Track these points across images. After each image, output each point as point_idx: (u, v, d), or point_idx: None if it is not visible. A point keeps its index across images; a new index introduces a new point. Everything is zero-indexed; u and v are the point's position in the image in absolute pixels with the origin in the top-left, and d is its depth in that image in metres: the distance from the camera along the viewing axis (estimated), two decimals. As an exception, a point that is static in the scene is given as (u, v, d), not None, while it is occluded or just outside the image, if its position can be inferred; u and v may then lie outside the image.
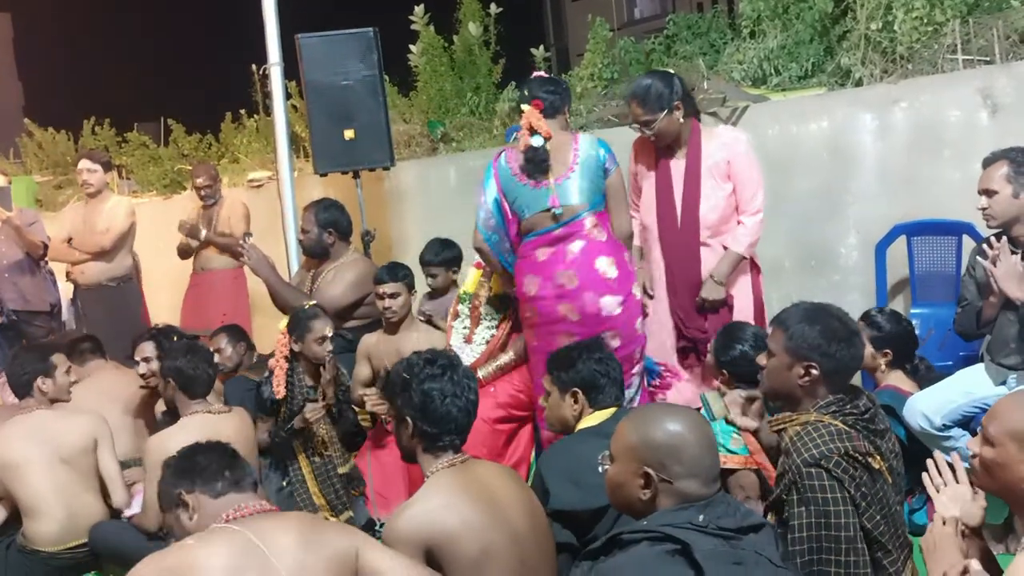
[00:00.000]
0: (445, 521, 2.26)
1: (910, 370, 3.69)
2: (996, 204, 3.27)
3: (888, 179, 4.80)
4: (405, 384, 2.43)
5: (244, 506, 2.17)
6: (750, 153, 3.74)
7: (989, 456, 1.93)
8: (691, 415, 2.08)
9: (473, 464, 2.46)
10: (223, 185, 6.48)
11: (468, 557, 2.24)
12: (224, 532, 2.10)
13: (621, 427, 2.05)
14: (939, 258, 4.59)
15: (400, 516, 2.29)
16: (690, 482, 1.93)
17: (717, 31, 6.66)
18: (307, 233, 4.54)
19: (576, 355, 2.91)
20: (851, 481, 2.20)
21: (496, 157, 3.75)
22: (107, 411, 4.01)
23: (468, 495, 2.31)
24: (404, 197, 6.45)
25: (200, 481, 2.23)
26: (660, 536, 1.85)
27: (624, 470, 1.99)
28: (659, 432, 1.97)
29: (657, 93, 3.59)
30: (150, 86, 12.40)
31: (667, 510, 1.92)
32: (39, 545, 3.61)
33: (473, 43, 6.92)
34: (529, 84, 3.73)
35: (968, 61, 4.87)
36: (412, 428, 2.42)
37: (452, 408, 2.40)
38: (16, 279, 5.54)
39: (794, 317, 2.39)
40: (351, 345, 4.35)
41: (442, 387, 2.41)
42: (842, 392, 2.36)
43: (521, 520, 2.37)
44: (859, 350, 2.39)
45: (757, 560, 1.85)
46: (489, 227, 3.74)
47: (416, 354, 2.51)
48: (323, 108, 5.30)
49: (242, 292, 6.09)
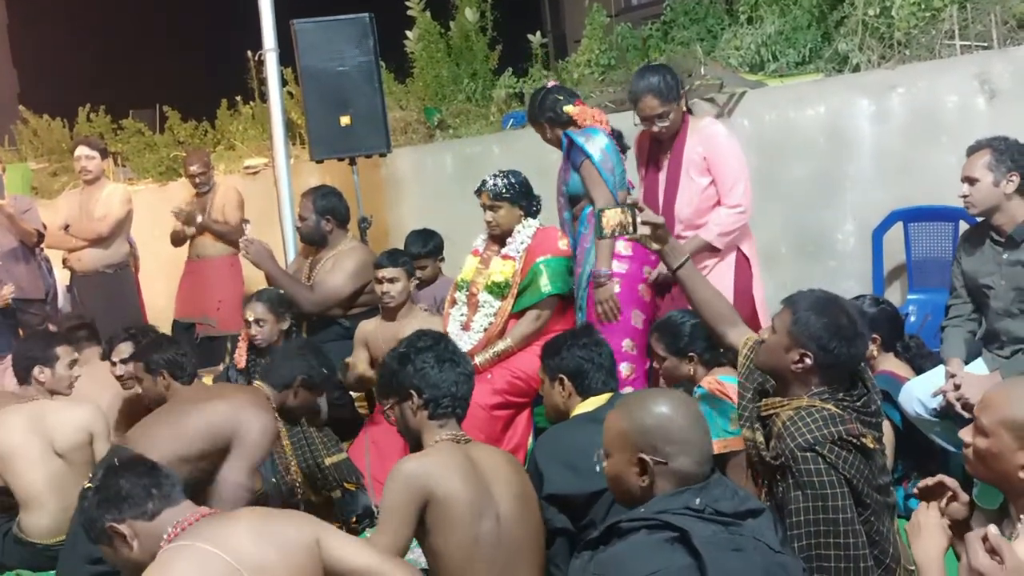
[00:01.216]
0: (443, 476, 2.34)
1: (901, 351, 3.70)
2: (977, 192, 3.30)
3: (885, 165, 4.80)
4: (403, 358, 2.55)
5: (183, 519, 2.11)
6: (729, 146, 3.71)
7: (983, 446, 1.91)
8: (675, 395, 2.12)
9: (471, 444, 2.55)
10: (219, 172, 6.46)
11: (450, 526, 2.31)
12: (178, 551, 2.03)
13: (610, 420, 2.08)
14: (936, 244, 4.59)
15: (407, 462, 2.39)
16: (684, 459, 1.95)
17: (714, 17, 6.63)
18: (305, 220, 4.53)
19: (562, 342, 2.97)
20: (845, 464, 2.21)
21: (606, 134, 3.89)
22: (102, 397, 4.01)
23: (460, 469, 2.38)
24: (400, 184, 6.44)
25: (128, 507, 2.12)
26: (659, 524, 1.86)
27: (619, 460, 2.01)
28: (647, 416, 1.99)
29: (668, 85, 3.60)
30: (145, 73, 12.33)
31: (663, 496, 1.93)
32: (34, 537, 3.59)
33: (470, 29, 6.89)
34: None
35: (966, 46, 4.86)
36: (415, 400, 2.51)
37: (451, 374, 2.53)
38: (10, 267, 5.51)
39: (804, 302, 2.38)
40: (348, 333, 4.35)
41: (438, 354, 2.55)
42: (836, 384, 2.35)
43: (508, 504, 2.42)
44: (860, 351, 2.38)
45: (756, 546, 1.86)
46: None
47: (408, 336, 2.63)
48: (319, 94, 5.28)
49: (237, 279, 6.07)
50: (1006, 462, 1.87)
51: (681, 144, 3.71)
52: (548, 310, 3.88)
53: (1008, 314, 3.27)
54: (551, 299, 3.87)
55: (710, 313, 2.74)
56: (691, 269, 2.76)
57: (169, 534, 2.07)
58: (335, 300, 4.40)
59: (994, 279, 3.32)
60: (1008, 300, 3.26)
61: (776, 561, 1.88)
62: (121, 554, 2.14)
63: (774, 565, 1.86)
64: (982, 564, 1.64)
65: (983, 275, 3.35)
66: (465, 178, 5.54)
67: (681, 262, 2.73)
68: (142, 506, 2.12)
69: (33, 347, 3.87)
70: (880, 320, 3.59)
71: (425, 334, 2.64)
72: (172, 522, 2.10)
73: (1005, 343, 3.29)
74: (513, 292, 3.90)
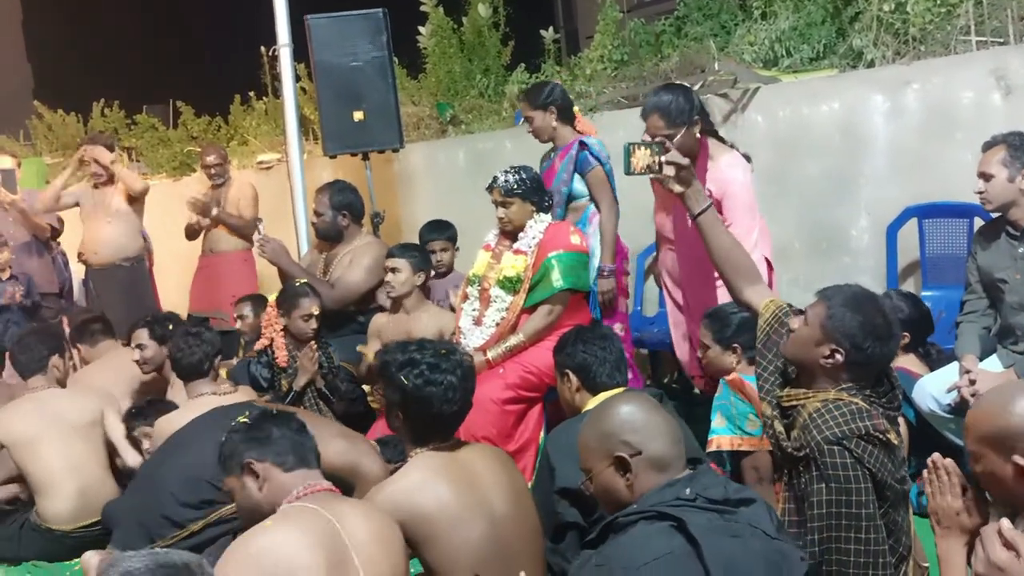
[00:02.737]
0: (419, 501, 2.30)
1: (922, 354, 3.68)
2: (992, 188, 3.29)
3: (900, 161, 4.78)
4: (401, 388, 2.42)
5: (314, 484, 2.18)
6: (745, 189, 3.59)
7: (979, 471, 1.90)
8: (625, 395, 2.23)
9: (458, 446, 2.50)
10: (232, 167, 6.48)
11: (441, 536, 2.28)
12: (303, 512, 2.10)
13: (579, 442, 2.12)
14: (950, 241, 4.57)
15: (377, 494, 2.34)
16: (657, 443, 2.00)
17: (728, 12, 6.60)
18: (321, 216, 4.52)
19: (568, 338, 3.03)
20: (871, 459, 2.19)
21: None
22: (118, 391, 4.05)
23: (446, 476, 2.35)
24: (413, 179, 6.45)
25: (271, 452, 2.22)
26: (655, 515, 1.89)
27: (600, 471, 2.04)
28: (607, 420, 2.07)
29: (679, 108, 3.49)
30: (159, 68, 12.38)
31: (653, 491, 1.96)
32: (52, 523, 3.64)
33: (482, 25, 6.89)
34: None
35: (981, 42, 4.83)
36: (402, 421, 2.47)
37: (445, 410, 2.43)
38: (23, 260, 5.56)
39: (840, 297, 2.33)
40: (363, 328, 4.36)
41: (437, 392, 2.41)
42: (864, 381, 2.33)
43: (502, 503, 2.40)
44: (892, 350, 2.35)
45: (753, 532, 1.88)
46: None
47: (408, 351, 2.49)
48: (332, 89, 5.29)
49: (251, 274, 6.10)
50: (1002, 478, 1.84)
51: (703, 171, 3.56)
52: (560, 305, 3.88)
53: (1023, 309, 3.26)
54: (563, 294, 3.87)
55: (728, 265, 2.68)
56: (712, 216, 2.69)
57: (297, 493, 2.14)
58: (354, 296, 4.42)
59: (1009, 273, 3.31)
60: (1023, 295, 3.25)
61: (774, 548, 1.89)
62: (247, 491, 2.23)
63: (772, 552, 1.88)
64: (1000, 558, 1.64)
65: (998, 269, 3.34)
66: (477, 173, 5.54)
67: (703, 208, 2.66)
68: (283, 456, 2.21)
69: (46, 339, 3.95)
70: (914, 320, 3.59)
71: (424, 355, 2.47)
72: (303, 483, 2.17)
73: (1020, 338, 3.28)
74: (525, 287, 3.90)
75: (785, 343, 2.43)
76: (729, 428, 3.05)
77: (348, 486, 2.90)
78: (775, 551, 1.88)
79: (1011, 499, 1.87)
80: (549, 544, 2.63)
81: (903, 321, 3.52)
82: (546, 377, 3.72)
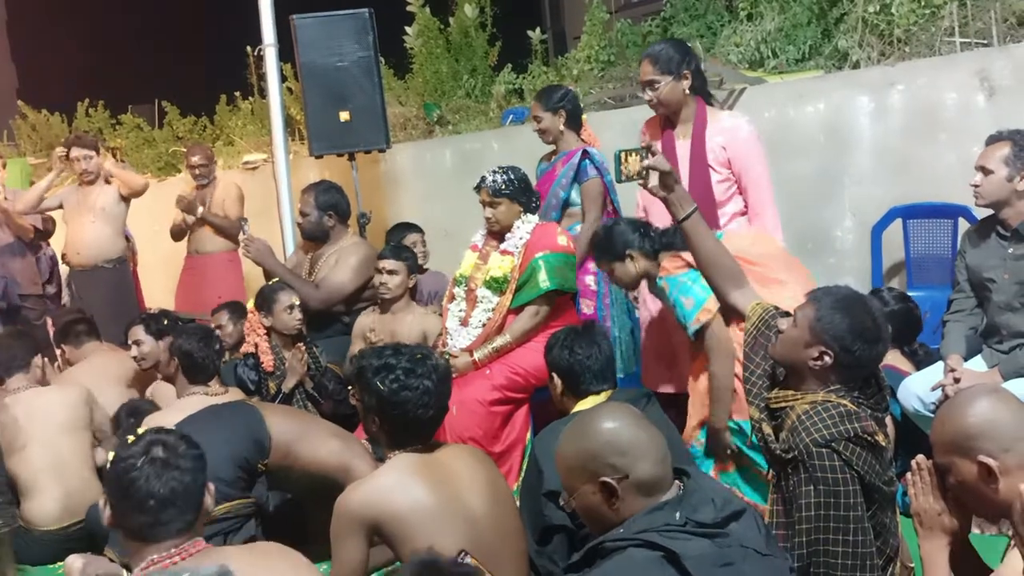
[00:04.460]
0: (392, 501, 2.28)
1: (909, 353, 3.69)
2: (988, 183, 3.27)
3: (884, 162, 4.80)
4: (377, 393, 2.42)
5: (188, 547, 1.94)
6: (753, 137, 3.62)
7: (952, 484, 1.91)
8: (606, 408, 2.13)
9: (435, 447, 2.49)
10: (218, 168, 6.45)
11: (415, 537, 2.24)
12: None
13: (557, 460, 2.05)
14: (935, 241, 4.59)
15: (350, 494, 2.33)
16: (643, 465, 1.92)
17: (714, 13, 6.63)
18: (306, 216, 4.51)
19: (557, 339, 3.03)
20: (859, 461, 2.19)
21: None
22: (103, 392, 4.02)
23: (422, 476, 2.34)
24: (400, 179, 6.43)
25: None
26: (644, 543, 1.83)
27: (583, 493, 1.97)
28: (589, 439, 1.97)
29: (668, 56, 3.57)
30: (144, 68, 12.30)
31: (641, 514, 1.89)
32: (39, 524, 3.61)
33: (469, 25, 6.88)
34: None
35: (966, 44, 4.86)
36: (379, 425, 2.46)
37: (421, 415, 2.42)
38: (6, 261, 5.51)
39: (829, 299, 2.32)
40: (348, 329, 4.35)
41: (413, 397, 2.40)
42: (852, 383, 2.32)
43: (480, 503, 2.37)
44: (881, 352, 2.34)
45: (745, 555, 1.85)
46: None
47: (384, 356, 2.48)
48: (318, 90, 5.27)
49: (237, 275, 6.07)
50: (974, 486, 1.85)
51: (701, 131, 3.61)
52: (547, 306, 3.87)
53: (1010, 308, 3.27)
54: (549, 295, 3.86)
55: (714, 268, 2.69)
56: (697, 221, 2.68)
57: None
58: (340, 296, 4.40)
59: (998, 273, 3.31)
60: (1011, 294, 3.26)
61: (766, 566, 1.87)
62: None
63: (765, 571, 1.86)
64: None
65: (987, 268, 3.35)
66: (464, 174, 5.53)
67: (688, 212, 2.66)
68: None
69: (29, 340, 3.97)
70: (900, 315, 3.59)
71: (398, 362, 2.45)
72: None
73: (1005, 337, 3.28)
74: (511, 288, 3.89)
75: (774, 344, 2.43)
76: (698, 302, 3.05)
77: (341, 486, 2.88)
78: (767, 570, 1.87)
79: (989, 508, 1.88)
80: (536, 547, 2.62)
81: (890, 316, 3.54)
82: (532, 378, 3.72)
